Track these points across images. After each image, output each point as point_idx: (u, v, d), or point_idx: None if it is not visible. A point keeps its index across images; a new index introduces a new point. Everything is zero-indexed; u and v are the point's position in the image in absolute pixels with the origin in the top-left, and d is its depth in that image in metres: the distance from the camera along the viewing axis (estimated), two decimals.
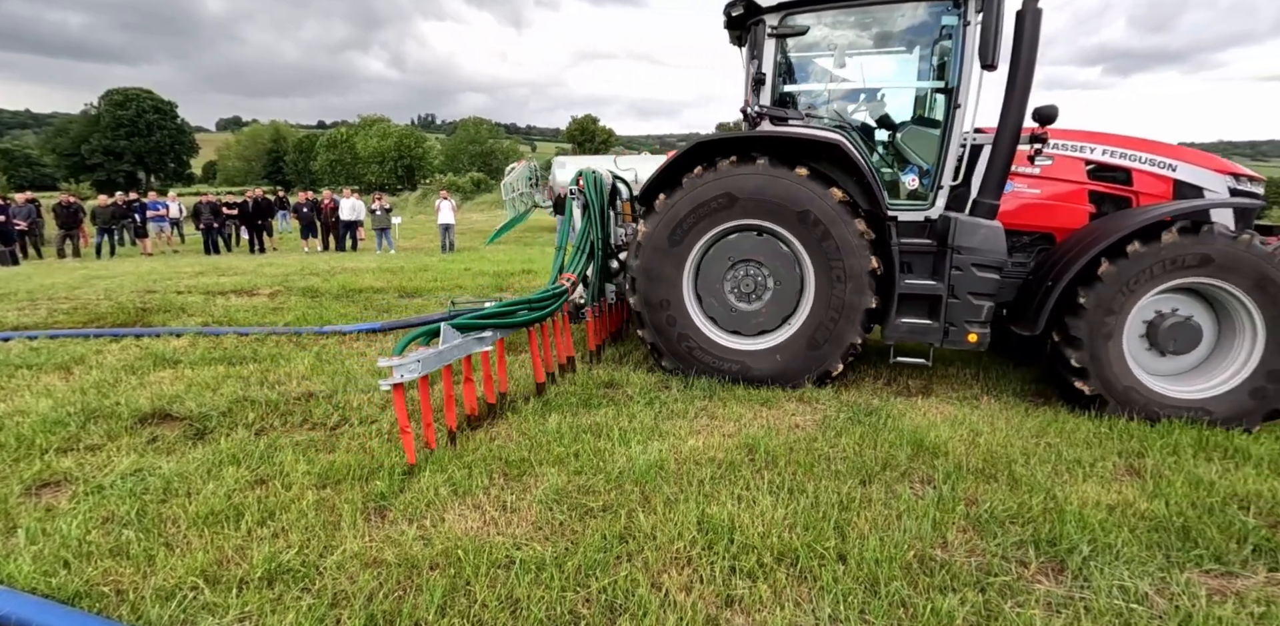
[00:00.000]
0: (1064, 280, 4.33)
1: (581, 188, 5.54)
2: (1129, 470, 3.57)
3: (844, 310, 4.72)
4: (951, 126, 4.75)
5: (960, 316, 4.63)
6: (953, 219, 4.63)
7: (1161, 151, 4.97)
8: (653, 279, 5.04)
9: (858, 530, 2.83)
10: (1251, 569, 2.65)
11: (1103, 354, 4.37)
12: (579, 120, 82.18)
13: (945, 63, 4.83)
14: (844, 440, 3.85)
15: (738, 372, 5.01)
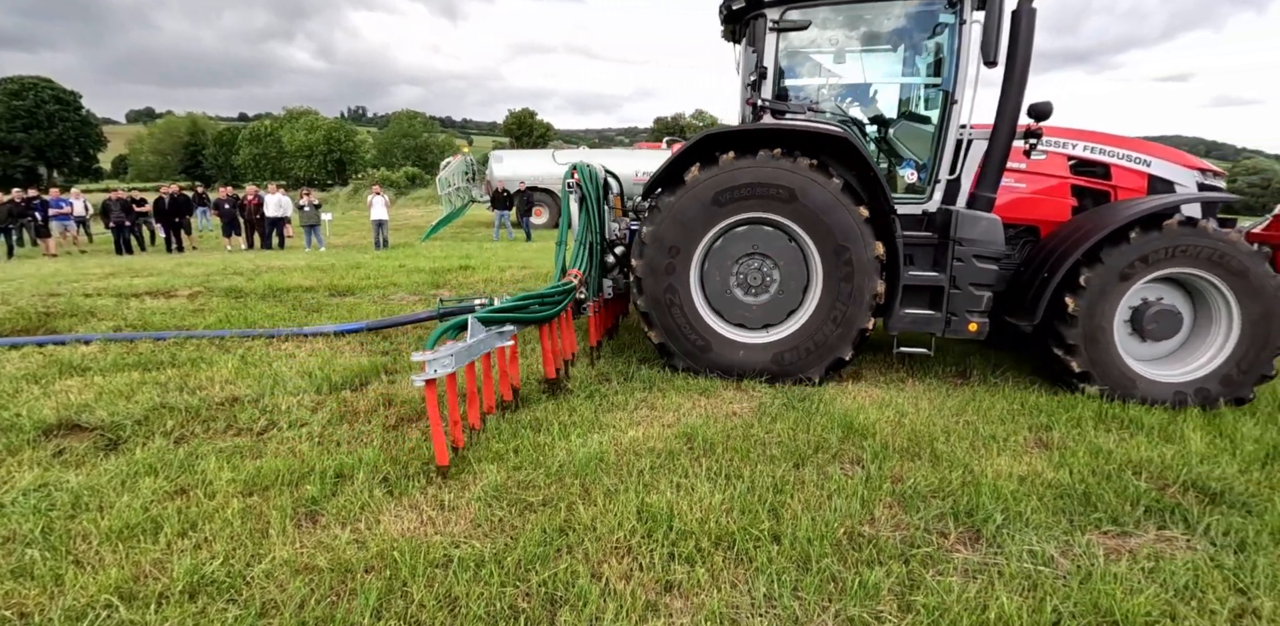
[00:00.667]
0: (1065, 265, 4.44)
1: (578, 181, 5.32)
2: (1038, 443, 3.80)
3: (852, 296, 4.71)
4: (948, 122, 4.86)
5: (962, 306, 4.73)
6: (954, 212, 4.71)
7: (1136, 147, 5.23)
8: (658, 277, 4.93)
9: (791, 511, 2.92)
10: (1143, 528, 2.88)
11: (1096, 340, 4.53)
12: (516, 114, 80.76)
13: (941, 59, 4.92)
14: (779, 426, 3.95)
15: (749, 367, 4.93)
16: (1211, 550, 2.71)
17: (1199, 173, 5.20)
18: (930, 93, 5.15)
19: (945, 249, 4.75)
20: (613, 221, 5.86)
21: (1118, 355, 4.56)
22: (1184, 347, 4.75)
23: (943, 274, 4.74)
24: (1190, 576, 2.49)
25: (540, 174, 23.65)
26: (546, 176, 23.72)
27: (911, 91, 5.38)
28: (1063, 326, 4.55)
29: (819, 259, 4.76)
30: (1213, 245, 4.41)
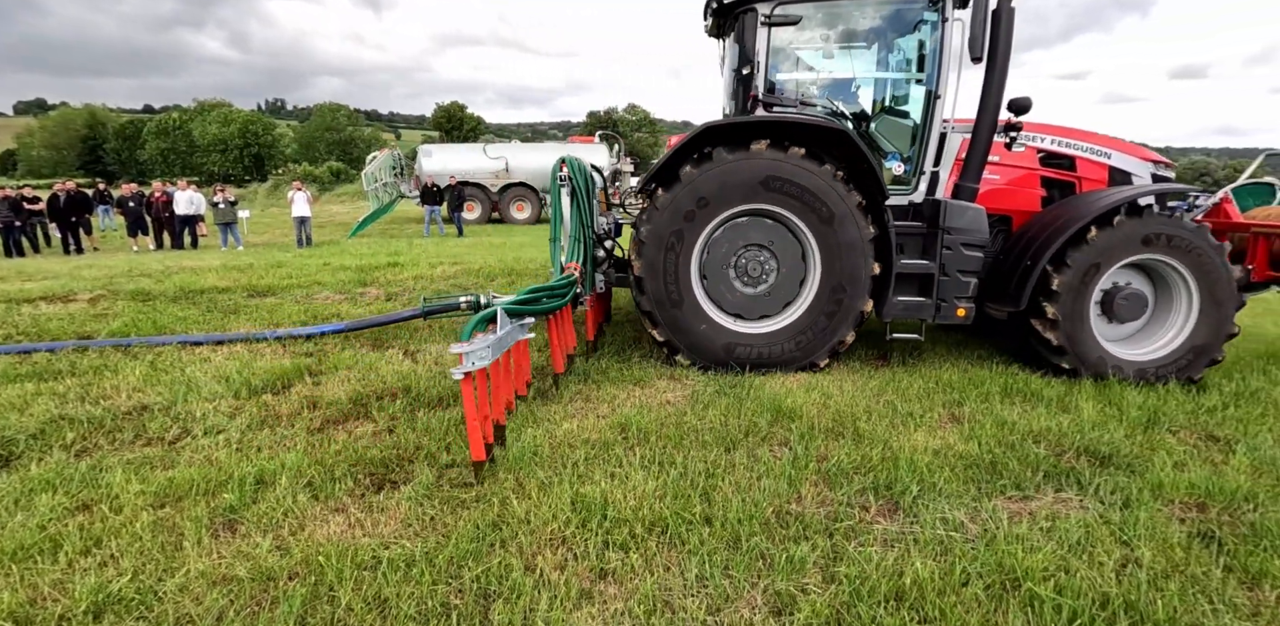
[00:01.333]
0: (1051, 250, 4.62)
1: (569, 175, 5.22)
2: (951, 418, 4.02)
3: (850, 280, 4.80)
4: (932, 116, 4.99)
5: (951, 292, 4.87)
6: (942, 202, 4.86)
7: (1097, 141, 5.48)
8: (659, 275, 4.90)
9: (722, 494, 2.98)
10: (1042, 492, 3.09)
11: (1076, 320, 4.74)
12: (445, 107, 78.48)
13: (924, 56, 5.03)
14: (711, 412, 4.02)
15: (755, 358, 4.96)
16: (1101, 508, 2.94)
17: (1153, 165, 5.52)
18: (913, 88, 5.24)
19: (934, 238, 4.89)
20: (600, 216, 5.79)
21: (1092, 335, 4.81)
22: (1145, 329, 5.05)
23: (932, 262, 4.89)
24: (1082, 532, 2.70)
25: (471, 168, 23.16)
26: (478, 171, 23.25)
27: (894, 86, 5.47)
28: (1046, 303, 4.73)
29: (816, 246, 4.85)
30: (1182, 234, 4.68)
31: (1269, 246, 5.29)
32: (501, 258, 11.41)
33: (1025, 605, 2.23)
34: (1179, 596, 2.30)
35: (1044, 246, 4.70)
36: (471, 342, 3.07)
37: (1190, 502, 3.03)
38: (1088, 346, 4.78)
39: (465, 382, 3.03)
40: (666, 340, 5.03)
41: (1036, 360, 5.04)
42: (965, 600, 2.26)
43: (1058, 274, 4.68)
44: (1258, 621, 2.24)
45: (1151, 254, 4.72)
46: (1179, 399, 4.40)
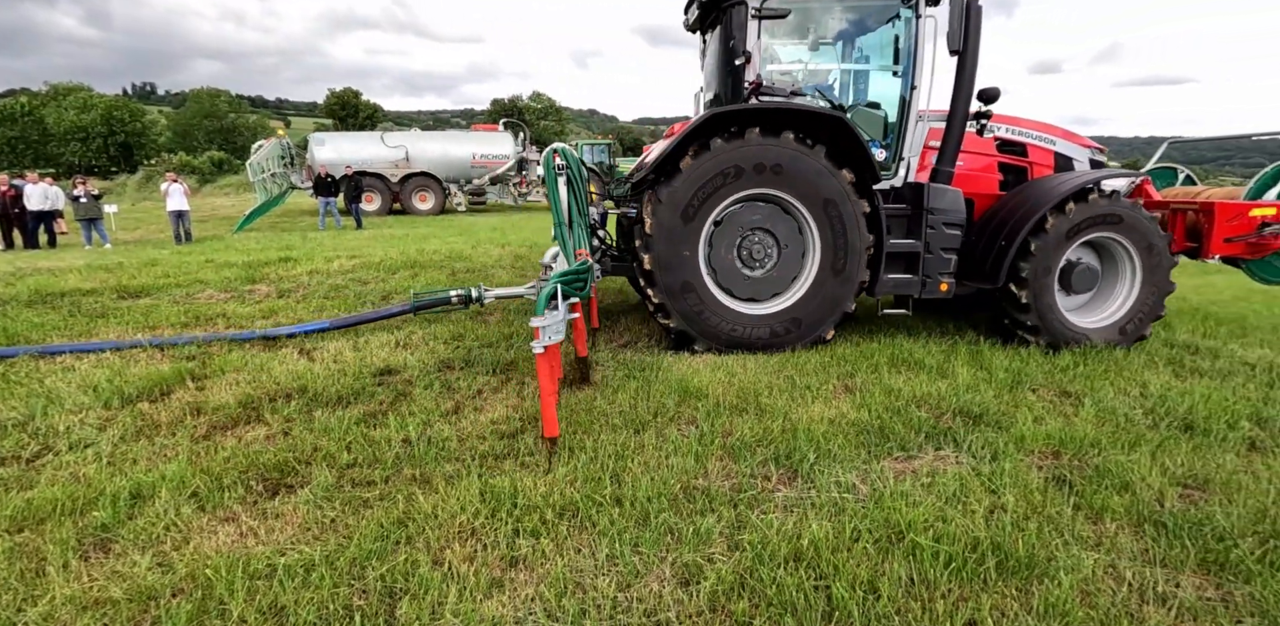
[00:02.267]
0: (1024, 230, 4.98)
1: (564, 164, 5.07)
2: (844, 388, 4.25)
3: (849, 255, 5.02)
4: (910, 105, 5.21)
5: (935, 269, 5.20)
6: (925, 185, 5.12)
7: (1044, 129, 5.87)
8: (669, 264, 4.95)
9: (632, 474, 3.02)
10: (924, 451, 3.34)
11: (1042, 294, 5.14)
12: (338, 93, 73.87)
13: (900, 49, 5.24)
14: (620, 396, 4.05)
15: (768, 338, 5.09)
16: (973, 462, 3.21)
17: (1089, 150, 5.99)
18: (891, 79, 5.41)
19: (918, 219, 5.17)
20: (590, 206, 5.66)
21: (1056, 305, 5.22)
22: (1094, 299, 5.56)
23: (918, 241, 5.17)
24: (957, 485, 2.94)
25: (369, 157, 22.03)
26: (376, 160, 22.16)
27: (874, 78, 5.63)
28: (1016, 286, 5.13)
29: (814, 226, 5.03)
30: (1126, 213, 5.19)
31: (1184, 220, 5.94)
32: (404, 250, 10.95)
33: (908, 554, 2.41)
34: (1037, 534, 2.56)
35: (1016, 227, 5.07)
36: (546, 317, 3.07)
37: (1047, 452, 3.37)
38: (1052, 316, 5.23)
39: (541, 358, 3.04)
40: (681, 330, 5.08)
41: (1007, 329, 5.45)
42: (856, 555, 2.41)
43: (1028, 253, 5.08)
44: (1100, 549, 2.52)
45: (1103, 232, 5.22)
46: (1038, 361, 4.85)
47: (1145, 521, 2.73)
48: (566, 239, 4.95)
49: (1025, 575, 2.32)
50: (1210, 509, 2.81)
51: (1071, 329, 5.30)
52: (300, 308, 6.75)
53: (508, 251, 10.62)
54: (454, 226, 15.76)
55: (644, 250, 4.96)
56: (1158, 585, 2.32)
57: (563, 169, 5.03)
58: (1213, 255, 5.79)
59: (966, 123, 5.20)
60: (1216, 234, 5.67)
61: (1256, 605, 2.23)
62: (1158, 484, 3.02)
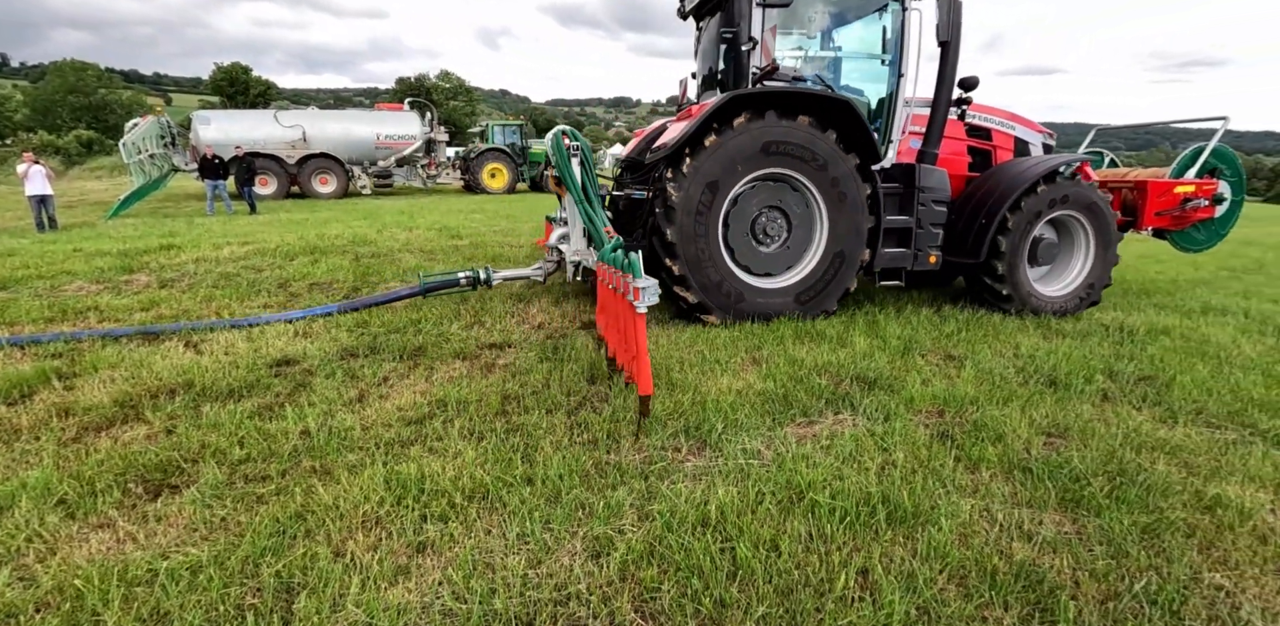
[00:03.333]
0: (1001, 210, 5.48)
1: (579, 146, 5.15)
2: (752, 361, 4.38)
3: (853, 233, 5.34)
4: (898, 92, 5.47)
5: (925, 243, 5.57)
6: (916, 166, 5.47)
7: (1004, 115, 6.32)
8: (690, 239, 5.07)
9: (544, 454, 3.00)
10: (824, 415, 3.50)
11: (1014, 266, 5.66)
12: (226, 69, 67.88)
13: (889, 39, 5.51)
14: (533, 377, 4.00)
15: (779, 309, 5.33)
16: (868, 424, 3.39)
17: (1042, 135, 6.49)
18: (882, 66, 5.65)
19: (910, 197, 5.53)
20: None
21: (1026, 276, 5.79)
22: (1054, 270, 6.15)
23: (910, 217, 5.53)
24: (853, 445, 3.10)
25: (261, 137, 20.50)
26: (270, 140, 20.65)
27: (866, 64, 5.81)
28: (995, 260, 5.65)
29: (822, 204, 5.31)
30: (1088, 194, 5.75)
31: (1120, 198, 6.59)
32: (302, 235, 10.29)
33: (807, 512, 2.52)
34: (922, 486, 2.75)
35: (996, 206, 5.56)
36: (645, 279, 3.16)
37: (933, 410, 3.61)
38: (1024, 286, 5.82)
39: (642, 318, 3.17)
40: (699, 302, 5.20)
41: (983, 298, 5.99)
42: (760, 516, 2.50)
43: (1006, 229, 5.58)
44: (976, 496, 2.74)
45: (1066, 210, 5.79)
46: (927, 329, 5.17)
47: (1015, 468, 2.98)
48: (593, 217, 4.90)
49: (911, 523, 2.49)
50: (1069, 454, 3.11)
51: (1038, 298, 5.87)
52: (186, 298, 6.23)
53: (415, 235, 10.20)
54: (358, 210, 14.94)
55: (667, 222, 5.06)
56: (1024, 524, 2.54)
57: (576, 150, 5.08)
58: (1146, 227, 6.56)
59: (950, 108, 5.56)
60: (1149, 209, 6.43)
61: (1105, 535, 2.49)
62: (1026, 434, 3.31)
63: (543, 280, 5.89)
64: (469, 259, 8.20)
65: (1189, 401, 3.87)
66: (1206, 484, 2.91)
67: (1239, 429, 3.57)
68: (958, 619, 2.02)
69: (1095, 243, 6.03)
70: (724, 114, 5.03)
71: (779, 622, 1.98)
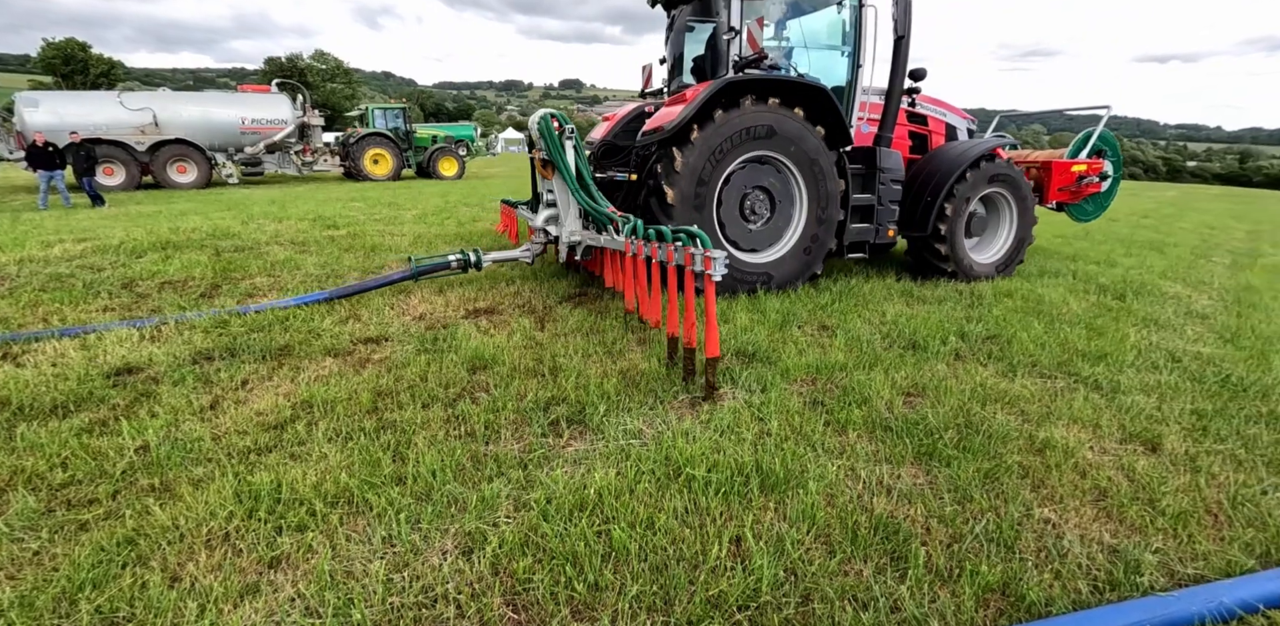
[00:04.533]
0: (945, 188, 6.08)
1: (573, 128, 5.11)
2: (637, 342, 4.36)
3: (829, 202, 5.71)
4: (856, 81, 5.94)
5: (885, 218, 6.06)
6: (877, 149, 5.94)
7: (936, 103, 6.87)
8: (692, 202, 5.31)
9: (416, 450, 2.84)
10: (703, 390, 3.54)
11: (956, 238, 6.31)
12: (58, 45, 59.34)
13: (847, 32, 5.94)
14: (409, 371, 3.79)
15: (773, 279, 5.64)
16: (746, 395, 3.47)
17: (967, 121, 7.12)
18: (840, 58, 6.09)
19: (872, 177, 6.00)
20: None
21: (964, 247, 6.43)
22: (982, 241, 6.83)
23: (872, 195, 5.99)
24: (731, 418, 3.16)
25: (104, 122, 18.16)
26: (114, 125, 18.33)
27: (828, 55, 6.15)
28: (940, 232, 6.21)
29: (801, 180, 5.65)
30: (1012, 173, 6.47)
31: (1029, 177, 7.26)
32: (153, 229, 9.21)
33: (684, 487, 2.53)
34: (793, 452, 2.84)
35: (939, 185, 6.14)
36: (718, 252, 3.33)
37: (806, 379, 3.75)
38: (962, 255, 6.43)
39: (713, 286, 3.34)
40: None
41: (927, 267, 6.56)
42: (639, 495, 2.49)
43: (949, 205, 6.16)
44: (843, 457, 2.86)
45: (995, 188, 6.45)
46: (804, 301, 5.37)
47: (877, 427, 3.15)
48: (587, 200, 5.01)
49: (783, 488, 2.56)
50: (924, 411, 3.32)
51: (974, 264, 6.54)
52: (5, 304, 5.41)
53: (286, 226, 9.40)
54: (222, 201, 13.57)
55: (670, 185, 5.24)
56: (884, 479, 2.69)
57: (571, 133, 5.10)
58: (1051, 202, 7.43)
59: (902, 96, 6.05)
60: (1053, 185, 7.29)
61: (953, 483, 2.68)
62: (888, 395, 3.51)
63: (530, 261, 5.90)
64: (345, 250, 7.66)
65: (1025, 356, 4.25)
66: (1038, 428, 3.21)
67: (1066, 377, 3.97)
68: (821, 575, 2.10)
69: (1017, 216, 6.78)
70: (721, 97, 5.23)
71: (653, 599, 1.97)
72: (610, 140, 6.50)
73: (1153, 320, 5.42)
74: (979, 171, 6.26)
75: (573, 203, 5.20)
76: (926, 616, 1.94)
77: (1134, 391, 3.78)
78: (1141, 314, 5.59)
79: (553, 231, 5.56)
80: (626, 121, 6.60)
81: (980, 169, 6.27)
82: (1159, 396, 3.72)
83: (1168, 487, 2.73)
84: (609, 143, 6.48)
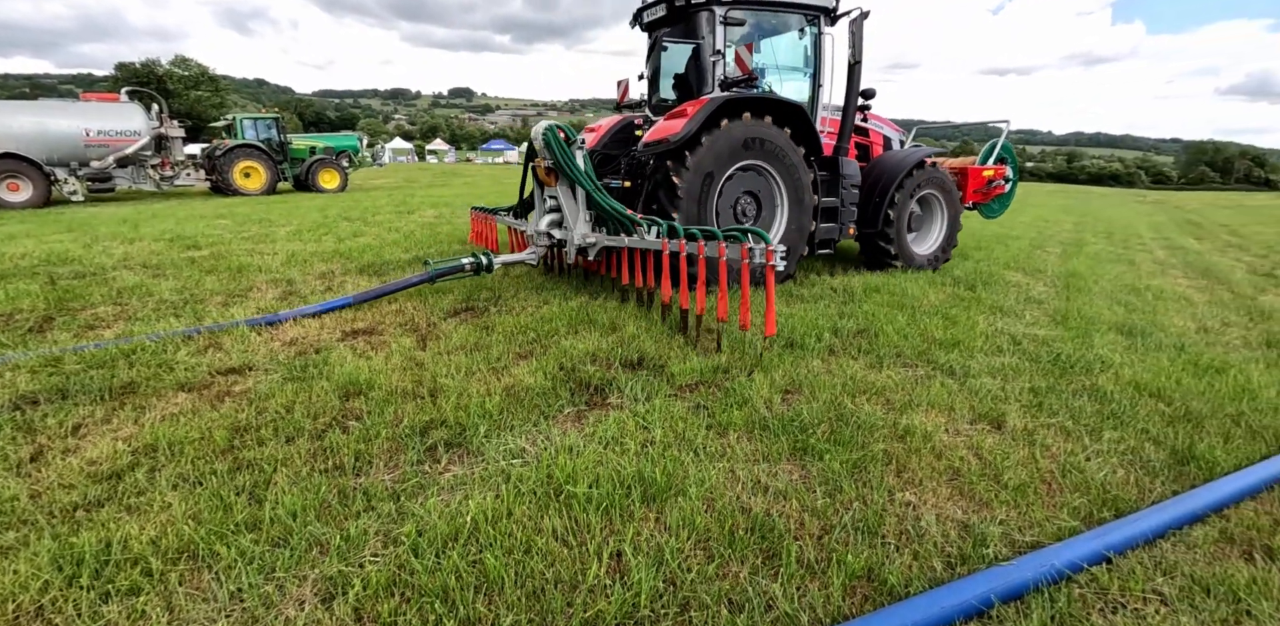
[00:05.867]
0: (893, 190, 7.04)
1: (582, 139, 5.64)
2: (521, 356, 4.26)
3: (804, 210, 6.46)
4: (817, 99, 6.83)
5: (846, 219, 6.93)
6: (839, 159, 6.75)
7: (876, 118, 7.88)
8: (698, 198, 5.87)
9: (276, 489, 2.60)
10: (592, 403, 3.50)
11: (900, 233, 7.30)
12: None
13: (809, 57, 6.84)
14: (273, 403, 3.48)
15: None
16: (632, 404, 3.46)
17: (899, 133, 8.19)
18: (804, 79, 6.94)
19: (835, 183, 6.79)
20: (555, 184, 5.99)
21: (907, 241, 7.45)
22: (919, 235, 7.81)
23: (836, 199, 6.79)
24: (616, 429, 3.13)
25: None
26: None
27: (794, 76, 6.97)
28: (887, 228, 7.15)
29: (784, 186, 6.33)
30: (942, 177, 7.50)
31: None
32: None
33: (564, 507, 2.47)
34: (676, 459, 2.84)
35: (885, 188, 7.07)
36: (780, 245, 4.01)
37: (691, 384, 3.79)
38: (906, 248, 7.44)
39: (773, 274, 4.03)
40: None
41: (878, 262, 7.47)
42: (517, 518, 2.40)
43: (894, 205, 7.08)
44: (725, 459, 2.91)
45: (929, 190, 7.46)
46: None
47: (756, 427, 3.23)
48: (610, 205, 5.35)
49: (664, 497, 2.56)
50: (800, 407, 3.44)
51: (916, 256, 7.54)
52: None
53: (139, 248, 8.44)
54: (62, 221, 11.99)
55: (680, 179, 5.76)
56: (761, 478, 2.75)
57: (582, 144, 5.53)
58: (968, 202, 8.51)
59: (856, 112, 6.77)
60: (970, 188, 8.40)
61: (824, 475, 2.78)
62: (767, 394, 3.61)
63: (535, 264, 6.28)
64: (208, 272, 6.99)
65: (891, 347, 4.53)
66: (901, 416, 3.41)
67: (926, 365, 4.26)
68: (700, 582, 2.10)
69: (947, 214, 7.85)
70: (720, 113, 5.82)
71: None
72: (600, 150, 7.07)
73: (998, 307, 5.96)
74: (914, 177, 7.22)
75: (581, 207, 5.61)
76: (798, 611, 1.99)
77: (982, 374, 4.12)
78: (989, 302, 6.13)
79: (557, 235, 5.90)
80: (614, 132, 7.19)
81: (915, 175, 7.22)
82: (1002, 378, 4.08)
83: (1009, 462, 2.98)
84: (600, 152, 7.06)
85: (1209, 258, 10.94)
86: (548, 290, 6.18)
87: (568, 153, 5.46)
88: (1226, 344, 5.26)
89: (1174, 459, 3.09)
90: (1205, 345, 5.12)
